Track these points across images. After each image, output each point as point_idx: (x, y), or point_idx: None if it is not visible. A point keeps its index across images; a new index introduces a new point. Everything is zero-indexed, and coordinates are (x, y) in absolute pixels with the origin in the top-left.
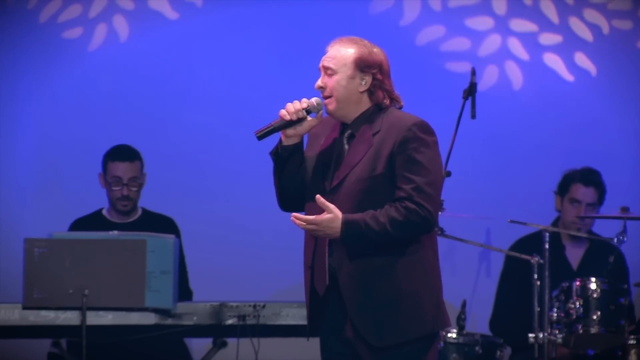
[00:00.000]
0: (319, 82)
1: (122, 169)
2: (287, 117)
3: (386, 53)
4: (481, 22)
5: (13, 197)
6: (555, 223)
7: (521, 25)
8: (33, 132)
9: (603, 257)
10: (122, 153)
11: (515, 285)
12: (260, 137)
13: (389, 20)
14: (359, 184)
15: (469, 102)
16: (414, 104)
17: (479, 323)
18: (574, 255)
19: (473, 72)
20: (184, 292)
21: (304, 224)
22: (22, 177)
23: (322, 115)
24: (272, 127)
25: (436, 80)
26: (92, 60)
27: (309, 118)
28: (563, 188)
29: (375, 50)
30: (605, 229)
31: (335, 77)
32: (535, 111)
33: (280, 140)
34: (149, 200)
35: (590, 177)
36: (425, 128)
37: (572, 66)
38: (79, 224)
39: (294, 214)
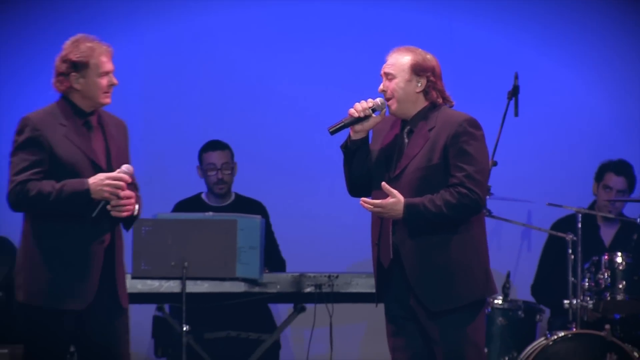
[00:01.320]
0: (382, 87)
1: (215, 156)
2: (356, 114)
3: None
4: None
5: None
6: (592, 206)
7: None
8: (140, 127)
9: (632, 235)
10: (214, 144)
11: (555, 258)
12: (332, 132)
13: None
14: (418, 172)
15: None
16: (454, 92)
17: (521, 291)
18: (607, 234)
19: (516, 76)
20: (278, 262)
21: (371, 207)
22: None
23: (385, 113)
24: (342, 124)
25: (474, 74)
26: (186, 63)
27: (374, 116)
28: (599, 176)
29: (428, 56)
30: (631, 211)
31: (395, 81)
32: (566, 103)
33: (349, 136)
34: (243, 187)
35: (622, 167)
36: (474, 124)
37: (596, 63)
38: (181, 206)
39: (363, 198)
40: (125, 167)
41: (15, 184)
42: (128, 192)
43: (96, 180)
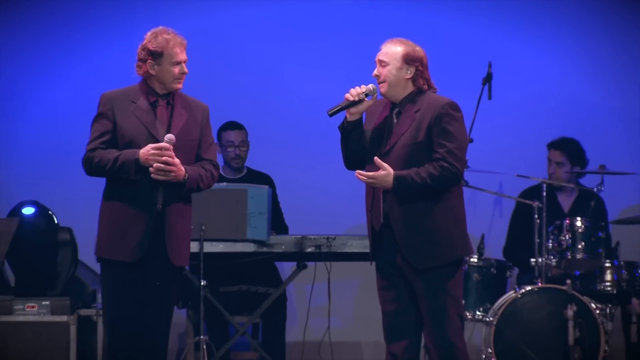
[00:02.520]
0: (376, 72)
1: (233, 135)
2: (351, 98)
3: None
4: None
5: None
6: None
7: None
8: None
9: (588, 202)
10: (233, 124)
11: (522, 223)
12: (331, 115)
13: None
14: (405, 148)
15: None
16: (437, 79)
17: (494, 251)
18: (565, 201)
19: (489, 65)
20: (282, 227)
21: (365, 178)
22: None
23: (376, 98)
24: (340, 107)
25: (454, 64)
26: (206, 54)
27: (366, 100)
28: (548, 151)
29: (417, 48)
30: (589, 182)
31: (388, 68)
32: (532, 88)
33: (346, 117)
34: (254, 162)
35: (558, 142)
36: (454, 107)
37: (564, 47)
38: None
39: (358, 171)
40: (166, 137)
41: (86, 152)
42: (170, 160)
43: (144, 149)
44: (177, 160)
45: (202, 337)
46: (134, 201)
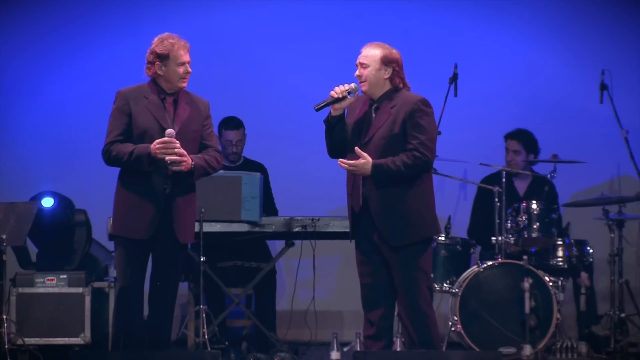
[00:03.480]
0: (357, 72)
1: (232, 134)
2: (335, 96)
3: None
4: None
5: None
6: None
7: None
8: None
9: (541, 187)
10: (231, 123)
11: (484, 206)
12: (317, 110)
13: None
14: (382, 140)
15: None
16: (410, 77)
17: (459, 230)
18: (520, 186)
19: (455, 66)
20: (272, 210)
21: (347, 166)
22: None
23: (357, 95)
24: (325, 103)
25: (425, 64)
26: (208, 52)
27: (349, 97)
28: (505, 141)
29: (394, 51)
30: (543, 169)
31: (368, 69)
32: (496, 85)
33: (330, 112)
34: (249, 151)
35: (514, 132)
36: (426, 103)
37: (529, 39)
38: None
39: (340, 159)
40: (167, 132)
41: (104, 145)
42: (179, 151)
43: (153, 144)
44: (184, 151)
45: (201, 306)
46: (145, 187)
